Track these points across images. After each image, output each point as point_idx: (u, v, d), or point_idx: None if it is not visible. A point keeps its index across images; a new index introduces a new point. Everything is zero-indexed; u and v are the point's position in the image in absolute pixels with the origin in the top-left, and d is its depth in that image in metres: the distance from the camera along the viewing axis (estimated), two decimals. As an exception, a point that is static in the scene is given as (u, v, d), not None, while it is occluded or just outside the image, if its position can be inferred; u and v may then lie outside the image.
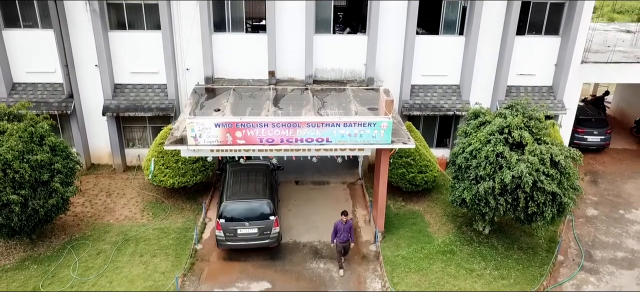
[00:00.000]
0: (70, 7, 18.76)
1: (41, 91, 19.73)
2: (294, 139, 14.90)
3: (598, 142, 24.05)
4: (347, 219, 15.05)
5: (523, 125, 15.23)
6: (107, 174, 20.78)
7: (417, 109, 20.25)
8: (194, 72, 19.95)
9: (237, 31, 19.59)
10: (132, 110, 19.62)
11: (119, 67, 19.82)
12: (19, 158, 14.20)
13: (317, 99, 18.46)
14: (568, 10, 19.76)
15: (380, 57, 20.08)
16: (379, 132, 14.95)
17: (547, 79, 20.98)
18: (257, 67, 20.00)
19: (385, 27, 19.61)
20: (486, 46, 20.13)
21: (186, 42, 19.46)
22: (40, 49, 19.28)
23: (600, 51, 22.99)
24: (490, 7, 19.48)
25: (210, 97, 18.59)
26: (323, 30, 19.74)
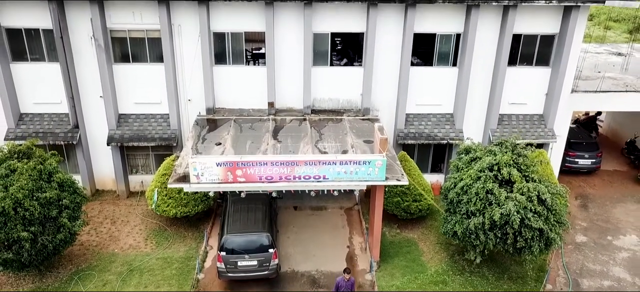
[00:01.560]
0: (75, 41, 19.39)
1: (47, 121, 20.37)
2: (293, 176, 15.54)
3: (589, 165, 24.70)
4: (350, 277, 15.04)
5: (512, 162, 15.88)
6: (112, 200, 21.42)
7: (411, 138, 20.89)
8: (196, 103, 20.59)
9: (237, 64, 20.23)
10: (135, 140, 20.25)
11: (123, 98, 20.46)
12: (29, 196, 14.85)
13: (314, 131, 19.11)
14: (558, 42, 20.40)
15: (376, 87, 20.72)
16: (373, 170, 15.59)
17: (538, 108, 21.62)
18: (256, 98, 20.65)
19: (380, 59, 20.25)
20: (479, 77, 20.77)
21: (188, 75, 20.11)
22: (46, 81, 19.92)
23: (590, 78, 23.62)
24: (483, 39, 20.11)
25: (212, 129, 19.23)
26: (321, 62, 20.38)
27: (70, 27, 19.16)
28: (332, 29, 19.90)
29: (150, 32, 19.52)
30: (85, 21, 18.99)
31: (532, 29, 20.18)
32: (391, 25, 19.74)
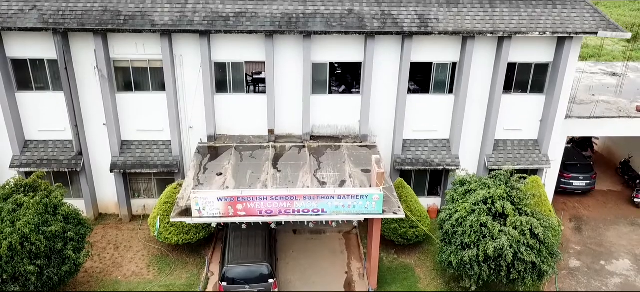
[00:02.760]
0: (79, 71, 19.81)
1: (52, 148, 20.78)
2: (292, 210, 15.97)
3: (583, 187, 25.12)
4: None
5: (505, 195, 16.31)
6: (114, 225, 21.84)
7: (408, 164, 21.32)
8: (197, 130, 21.02)
9: (238, 92, 20.65)
10: (138, 167, 20.68)
11: (125, 125, 20.88)
12: (35, 231, 15.28)
13: (313, 159, 19.54)
14: (552, 71, 20.81)
15: (374, 114, 21.15)
16: (371, 204, 16.02)
17: (532, 134, 22.05)
18: (257, 125, 21.07)
19: (378, 87, 20.67)
20: (474, 104, 21.19)
21: (190, 103, 20.53)
22: (51, 109, 20.34)
23: (584, 102, 24.04)
24: (478, 68, 20.52)
25: (213, 157, 19.66)
26: (320, 90, 20.80)
27: (74, 57, 19.58)
28: (331, 59, 20.34)
29: (153, 62, 19.93)
30: (89, 52, 19.40)
31: (527, 58, 20.60)
32: (388, 55, 20.16)
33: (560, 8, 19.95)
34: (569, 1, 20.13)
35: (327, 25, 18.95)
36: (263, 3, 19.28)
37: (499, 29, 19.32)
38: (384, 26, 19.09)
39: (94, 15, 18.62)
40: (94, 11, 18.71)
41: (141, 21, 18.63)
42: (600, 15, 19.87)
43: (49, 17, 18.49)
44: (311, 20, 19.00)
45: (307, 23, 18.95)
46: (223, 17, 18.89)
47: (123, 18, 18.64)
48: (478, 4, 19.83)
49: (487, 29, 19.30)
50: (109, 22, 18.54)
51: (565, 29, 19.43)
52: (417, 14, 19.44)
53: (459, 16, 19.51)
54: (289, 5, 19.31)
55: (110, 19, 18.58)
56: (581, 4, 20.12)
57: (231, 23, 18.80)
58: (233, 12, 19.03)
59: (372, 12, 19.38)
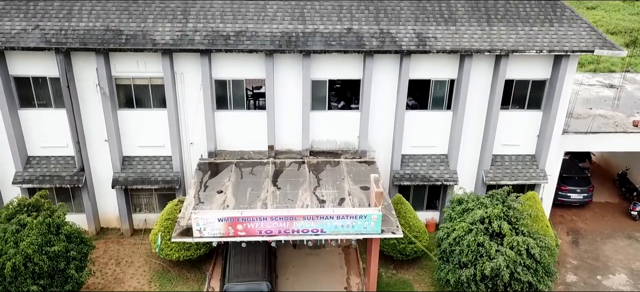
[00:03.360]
0: (81, 89, 20.02)
1: (54, 164, 21.00)
2: (291, 230, 16.19)
3: (581, 199, 25.33)
4: None
5: (502, 215, 16.53)
6: (116, 239, 22.05)
7: (407, 179, 21.53)
8: (198, 146, 21.24)
9: (238, 109, 20.87)
10: (139, 183, 20.90)
11: (127, 141, 21.10)
12: (38, 251, 15.50)
13: (313, 176, 19.76)
14: (549, 87, 21.03)
15: (373, 130, 21.37)
16: (369, 224, 16.24)
17: (530, 148, 22.26)
18: (257, 140, 21.30)
19: (377, 103, 20.89)
20: (472, 120, 21.40)
21: (190, 119, 20.75)
22: (53, 126, 20.56)
23: (581, 116, 24.25)
24: (476, 85, 20.73)
25: (214, 174, 19.88)
26: (319, 107, 21.01)
27: (76, 75, 19.79)
28: (330, 76, 20.55)
29: (154, 79, 20.16)
30: (91, 70, 19.62)
31: (524, 74, 20.82)
32: (387, 73, 20.38)
33: (557, 26, 20.17)
34: (566, 19, 20.34)
35: (326, 44, 19.16)
36: (263, 22, 19.50)
37: (497, 47, 19.54)
38: (382, 45, 19.30)
39: (96, 34, 18.85)
40: (95, 31, 18.93)
41: (142, 40, 18.85)
42: (597, 33, 20.10)
43: (51, 37, 18.71)
44: (310, 39, 19.22)
45: (306, 42, 19.16)
46: (223, 36, 19.11)
47: (124, 37, 18.86)
48: (476, 22, 20.05)
49: (485, 47, 19.51)
50: (111, 41, 18.75)
51: (561, 47, 19.65)
52: (415, 33, 19.66)
53: (456, 34, 19.73)
54: (289, 24, 19.53)
55: (112, 39, 18.80)
56: (578, 22, 20.33)
57: (231, 42, 19.02)
58: (233, 31, 19.25)
59: (370, 30, 19.60)
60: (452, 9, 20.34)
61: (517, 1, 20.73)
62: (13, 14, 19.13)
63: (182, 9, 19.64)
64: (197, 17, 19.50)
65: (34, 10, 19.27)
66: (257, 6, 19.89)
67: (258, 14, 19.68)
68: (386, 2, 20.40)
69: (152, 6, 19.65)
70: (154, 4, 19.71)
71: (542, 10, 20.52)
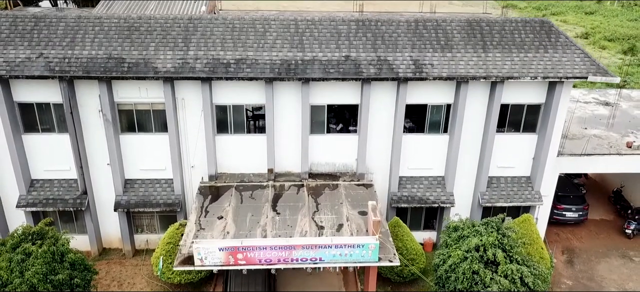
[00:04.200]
0: (84, 114, 20.39)
1: (57, 187, 21.36)
2: (290, 259, 16.56)
3: (576, 218, 25.71)
4: None
5: (497, 242, 16.90)
6: (118, 260, 22.42)
7: (404, 202, 21.91)
8: (199, 168, 21.60)
9: (238, 133, 21.23)
10: (141, 206, 21.27)
11: (129, 165, 21.46)
12: (43, 280, 15.87)
13: (311, 200, 20.13)
14: (544, 111, 21.39)
15: (370, 153, 21.73)
16: (367, 252, 16.62)
17: (525, 170, 22.62)
18: (257, 163, 21.66)
19: (374, 127, 21.26)
20: (469, 143, 21.76)
21: (191, 143, 21.11)
22: (56, 150, 20.91)
23: (576, 136, 24.61)
24: (472, 109, 21.10)
25: (214, 198, 20.24)
26: (318, 130, 21.37)
27: (79, 101, 20.15)
28: (329, 102, 20.92)
29: (156, 104, 20.51)
30: (94, 96, 19.98)
31: (519, 99, 21.17)
32: (384, 98, 20.74)
33: (552, 52, 20.54)
34: (560, 46, 20.71)
35: (324, 72, 19.53)
36: (263, 50, 19.87)
37: (492, 74, 19.90)
38: (379, 72, 19.67)
39: (99, 62, 19.21)
40: (98, 59, 19.29)
41: (144, 68, 19.21)
42: (590, 60, 20.46)
43: (55, 65, 19.07)
44: (309, 67, 19.59)
45: (305, 70, 19.53)
46: (224, 64, 19.47)
47: (127, 65, 19.22)
48: (472, 49, 20.42)
49: (480, 74, 19.88)
50: (113, 69, 19.12)
51: (556, 73, 20.02)
52: (412, 60, 20.02)
53: (453, 61, 20.10)
54: (288, 51, 19.89)
55: (115, 67, 19.16)
56: (572, 48, 20.70)
57: (232, 70, 19.38)
58: (234, 59, 19.61)
59: (368, 58, 19.97)
60: (448, 35, 20.70)
61: (513, 28, 21.09)
62: (17, 42, 19.49)
63: (183, 37, 20.00)
64: (198, 44, 19.87)
65: (38, 38, 19.63)
66: (256, 34, 20.25)
67: (258, 42, 20.05)
68: (384, 28, 20.77)
69: (154, 34, 20.01)
70: (156, 32, 20.08)
71: (537, 36, 20.89)
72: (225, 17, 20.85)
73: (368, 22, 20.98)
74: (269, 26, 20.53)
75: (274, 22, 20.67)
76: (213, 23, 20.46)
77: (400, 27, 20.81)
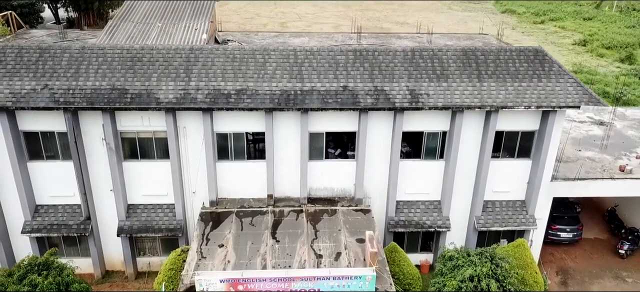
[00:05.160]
0: (88, 143, 20.86)
1: (61, 213, 21.83)
2: (289, 290, 17.01)
3: (570, 238, 26.20)
4: None
5: (491, 273, 17.36)
6: (121, 283, 22.89)
7: (401, 226, 22.38)
8: (200, 194, 22.06)
9: (239, 159, 21.70)
10: (143, 231, 21.74)
11: (132, 190, 21.92)
12: (49, 312, 16.34)
13: (310, 227, 20.60)
14: (538, 138, 21.85)
15: (368, 178, 22.20)
16: (364, 283, 17.07)
17: (520, 194, 23.10)
18: (257, 188, 22.13)
19: (372, 154, 21.73)
20: (464, 168, 22.23)
21: (193, 170, 21.57)
22: (60, 177, 21.37)
23: (570, 159, 25.06)
24: (468, 136, 21.57)
25: (215, 225, 20.71)
26: (316, 157, 21.84)
27: (83, 130, 20.61)
28: (327, 129, 21.38)
29: (158, 133, 20.98)
30: (97, 125, 20.44)
31: (514, 126, 21.64)
32: (381, 126, 21.21)
33: (545, 81, 21.00)
34: (554, 74, 21.17)
35: (323, 102, 19.99)
36: (263, 80, 20.33)
37: (487, 104, 20.37)
38: (376, 102, 20.13)
39: (102, 93, 19.66)
40: (102, 90, 19.75)
41: (147, 99, 19.67)
42: (583, 89, 20.91)
43: (59, 96, 19.52)
44: (308, 97, 20.04)
45: (304, 100, 19.99)
46: (224, 95, 19.93)
47: (129, 96, 19.68)
48: (467, 78, 20.88)
49: (475, 103, 20.34)
50: (117, 100, 19.57)
51: (549, 103, 20.49)
52: (408, 90, 20.48)
53: (448, 91, 20.55)
54: (288, 82, 20.36)
55: (118, 98, 19.61)
56: (565, 77, 21.16)
57: (232, 101, 19.84)
58: (234, 90, 20.07)
59: (365, 88, 20.43)
60: (444, 65, 21.17)
61: (507, 57, 21.55)
62: (23, 73, 19.94)
63: (185, 67, 20.46)
64: (199, 75, 20.33)
65: (43, 69, 20.08)
66: (257, 64, 20.72)
67: (258, 72, 20.51)
68: (380, 58, 21.24)
69: (156, 65, 20.47)
70: (158, 62, 20.54)
71: (531, 65, 21.35)
72: (225, 47, 21.32)
73: (365, 52, 21.45)
74: (269, 56, 20.99)
75: (274, 53, 21.13)
76: (214, 53, 20.92)
77: (396, 57, 21.27)
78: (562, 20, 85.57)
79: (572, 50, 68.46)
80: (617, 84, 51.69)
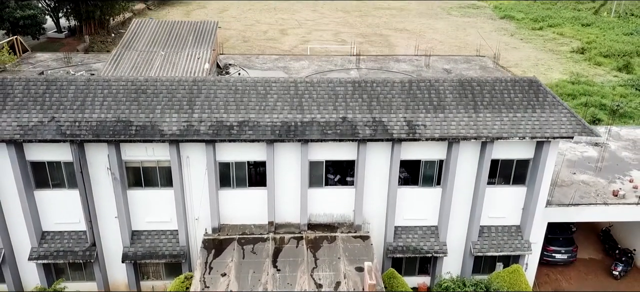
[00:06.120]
0: (93, 172, 21.36)
1: (67, 239, 22.35)
2: (290, 321, 17.57)
3: (565, 259, 26.74)
4: None
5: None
6: (125, 306, 23.43)
7: (400, 252, 22.91)
8: (203, 220, 22.58)
9: (240, 187, 22.22)
10: (148, 257, 22.28)
11: (136, 217, 22.44)
12: (57, 344, 16.88)
13: (310, 255, 21.14)
14: (533, 166, 22.37)
15: (367, 204, 22.72)
16: (362, 315, 17.62)
17: (515, 219, 23.63)
18: (258, 215, 22.66)
19: (370, 181, 22.24)
20: (461, 195, 22.75)
21: (196, 198, 22.10)
22: (66, 204, 21.89)
23: (565, 183, 25.58)
24: (464, 164, 22.08)
25: (217, 252, 21.24)
26: (316, 184, 22.36)
27: (89, 160, 21.11)
28: (327, 158, 21.89)
29: (162, 162, 21.49)
30: (103, 155, 20.95)
31: (509, 155, 22.16)
32: (380, 155, 21.72)
33: (540, 112, 21.52)
34: (548, 105, 21.69)
35: (322, 134, 20.51)
36: (264, 112, 20.84)
37: (482, 135, 20.89)
38: (375, 134, 20.65)
39: (108, 126, 20.17)
40: (107, 122, 20.26)
41: (151, 131, 20.18)
42: (576, 119, 21.43)
43: (66, 129, 20.03)
44: (308, 129, 20.56)
45: (304, 131, 20.50)
46: (227, 127, 20.44)
47: (134, 129, 20.19)
48: (463, 109, 21.39)
49: (471, 134, 20.86)
50: (122, 132, 20.08)
51: (543, 133, 21.01)
52: (405, 121, 21.00)
53: (445, 122, 21.07)
54: (288, 113, 20.86)
55: (123, 130, 20.12)
56: (559, 107, 21.67)
57: (234, 132, 20.35)
58: (236, 121, 20.58)
59: (364, 119, 20.94)
60: (440, 95, 21.68)
61: (502, 87, 22.07)
62: (30, 106, 20.45)
63: (188, 99, 20.98)
64: (202, 107, 20.84)
65: (49, 101, 20.59)
66: (258, 96, 21.23)
67: (259, 104, 21.02)
68: (379, 89, 21.75)
69: (160, 96, 20.98)
70: (162, 94, 21.05)
71: (526, 96, 21.87)
72: (228, 79, 21.82)
73: (363, 83, 21.96)
74: (270, 88, 21.50)
75: (275, 84, 21.65)
76: (216, 85, 21.44)
77: (394, 88, 21.78)
78: (560, 26, 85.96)
79: (570, 59, 68.95)
80: (614, 96, 52.19)
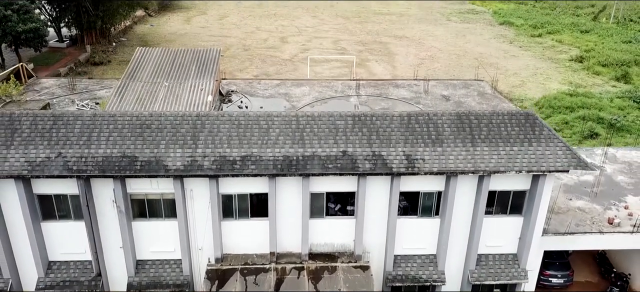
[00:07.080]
0: (99, 204, 21.81)
1: (73, 269, 22.82)
2: None
3: (562, 283, 27.24)
4: None
5: (482, 339, 18.38)
6: (130, 333, 23.86)
7: (399, 281, 23.40)
8: (206, 250, 23.05)
9: (243, 218, 22.68)
10: (152, 286, 22.74)
11: (140, 247, 22.92)
12: None
13: (311, 286, 21.61)
14: (529, 197, 22.84)
15: (367, 234, 23.19)
16: (362, 351, 18.10)
17: (512, 248, 24.10)
18: (260, 244, 23.13)
19: (370, 212, 22.70)
20: (459, 225, 23.22)
21: (199, 229, 22.56)
22: (72, 235, 22.34)
23: (561, 210, 26.05)
24: (462, 196, 22.54)
25: (221, 283, 21.75)
26: (317, 214, 22.83)
27: (94, 193, 21.56)
28: (327, 190, 22.37)
29: (166, 195, 21.95)
30: (108, 189, 21.40)
31: (506, 186, 22.63)
32: (379, 188, 22.18)
33: (536, 146, 21.98)
34: (544, 138, 22.14)
35: (323, 168, 20.97)
36: (266, 146, 21.30)
37: (480, 168, 21.35)
38: (374, 168, 21.11)
39: (113, 161, 20.63)
40: (113, 157, 20.71)
41: (156, 167, 20.64)
42: (572, 153, 21.88)
43: (72, 165, 20.48)
44: (309, 163, 21.02)
45: (305, 165, 20.96)
46: (230, 161, 20.90)
47: (139, 164, 20.64)
48: (461, 143, 21.85)
49: (469, 168, 21.32)
50: (127, 168, 20.54)
51: (539, 167, 21.48)
52: (404, 155, 21.46)
53: (443, 156, 21.53)
54: (290, 148, 21.32)
55: (128, 165, 20.58)
56: (555, 140, 22.14)
57: (237, 167, 20.81)
58: (239, 156, 21.04)
59: (364, 153, 21.40)
60: (439, 129, 22.14)
61: (499, 120, 22.52)
62: (38, 141, 20.90)
63: (192, 134, 21.43)
64: (205, 142, 21.29)
65: (56, 137, 21.04)
66: (260, 130, 21.68)
67: (262, 138, 21.47)
68: (378, 123, 22.20)
69: (164, 132, 21.43)
70: (166, 129, 21.50)
71: (522, 129, 22.32)
72: (231, 114, 22.25)
73: (363, 116, 22.41)
74: (272, 122, 21.95)
75: (277, 118, 22.10)
76: (219, 120, 21.89)
77: (394, 122, 22.24)
78: (559, 33, 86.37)
79: (568, 67, 69.41)
80: (612, 108, 52.61)
